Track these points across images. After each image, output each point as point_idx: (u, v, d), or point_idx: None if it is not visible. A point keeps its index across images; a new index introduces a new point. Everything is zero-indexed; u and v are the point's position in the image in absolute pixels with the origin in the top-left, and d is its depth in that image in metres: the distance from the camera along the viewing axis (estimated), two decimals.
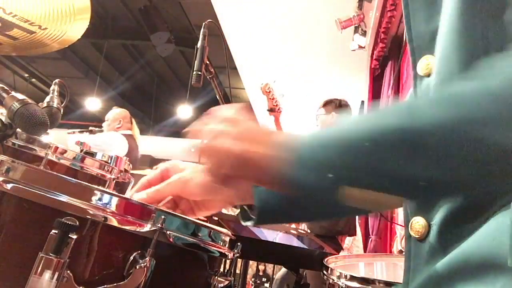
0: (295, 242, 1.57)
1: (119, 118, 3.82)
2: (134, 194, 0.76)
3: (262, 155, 0.51)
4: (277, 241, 1.52)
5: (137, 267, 0.70)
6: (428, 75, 0.58)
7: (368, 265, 1.26)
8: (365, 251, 3.89)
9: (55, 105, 1.16)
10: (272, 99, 2.67)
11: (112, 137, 3.58)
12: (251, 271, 8.30)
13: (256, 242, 1.43)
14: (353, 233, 3.04)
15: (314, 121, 3.12)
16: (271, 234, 1.53)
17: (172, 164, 0.76)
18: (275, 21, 5.46)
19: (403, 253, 1.36)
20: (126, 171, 1.48)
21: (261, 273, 9.13)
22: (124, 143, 3.58)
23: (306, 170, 0.47)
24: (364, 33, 4.57)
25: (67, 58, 9.35)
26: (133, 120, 3.96)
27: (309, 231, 2.83)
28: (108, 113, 3.90)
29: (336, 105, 3.05)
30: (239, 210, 0.79)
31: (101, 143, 3.36)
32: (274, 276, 4.92)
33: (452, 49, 0.54)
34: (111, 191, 0.73)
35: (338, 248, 2.79)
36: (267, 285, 8.60)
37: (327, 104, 3.09)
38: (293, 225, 3.52)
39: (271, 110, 2.69)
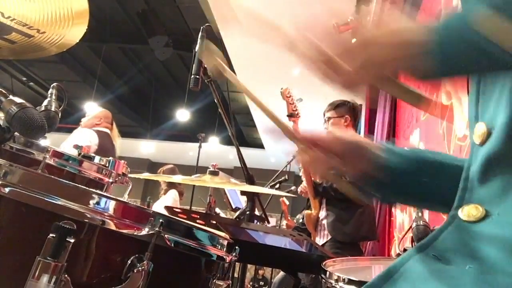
0: (295, 246, 1.57)
1: (101, 116, 3.75)
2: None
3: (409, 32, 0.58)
4: (282, 247, 1.51)
5: (135, 271, 0.70)
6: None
7: (366, 268, 1.26)
8: (364, 255, 3.89)
9: (53, 108, 1.16)
10: (292, 103, 2.65)
11: (80, 133, 3.53)
12: (249, 275, 8.29)
13: (254, 245, 1.43)
14: (375, 237, 2.98)
15: (323, 123, 3.02)
16: (271, 239, 1.53)
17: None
18: None
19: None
20: (124, 174, 1.48)
21: (260, 277, 9.13)
22: (94, 138, 3.48)
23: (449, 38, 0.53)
24: None
25: (65, 62, 9.35)
26: (114, 123, 3.87)
27: (329, 237, 2.76)
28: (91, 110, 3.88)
29: (350, 107, 2.94)
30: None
31: (69, 139, 3.36)
32: (272, 280, 4.92)
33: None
34: (109, 195, 0.73)
35: (360, 256, 2.73)
36: None
37: (339, 106, 2.97)
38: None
39: (290, 116, 2.65)
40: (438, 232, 0.57)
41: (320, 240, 2.81)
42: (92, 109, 3.88)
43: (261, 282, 8.98)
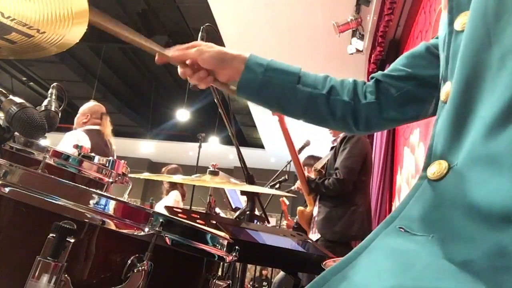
0: (295, 246, 1.57)
1: (88, 113, 3.52)
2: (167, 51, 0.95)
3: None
4: (276, 245, 1.52)
5: (135, 271, 0.70)
6: (463, 31, 0.59)
7: None
8: None
9: (53, 108, 1.16)
10: None
11: (68, 137, 3.31)
12: (249, 274, 8.28)
13: (254, 245, 1.43)
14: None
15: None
16: (271, 239, 1.53)
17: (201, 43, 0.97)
18: (273, 25, 5.48)
19: None
20: (124, 174, 1.48)
21: (263, 277, 9.11)
22: (84, 139, 3.26)
23: None
24: (361, 37, 4.58)
25: (65, 62, 9.35)
26: (104, 116, 3.60)
27: (319, 235, 2.76)
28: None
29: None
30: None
31: (61, 144, 3.17)
32: (272, 280, 4.93)
33: (485, 4, 0.55)
34: (109, 195, 0.73)
35: None
36: None
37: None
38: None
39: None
40: (407, 199, 0.57)
41: (313, 237, 2.81)
42: (82, 106, 3.62)
43: (264, 283, 8.97)
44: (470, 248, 0.45)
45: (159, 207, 4.37)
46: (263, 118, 8.83)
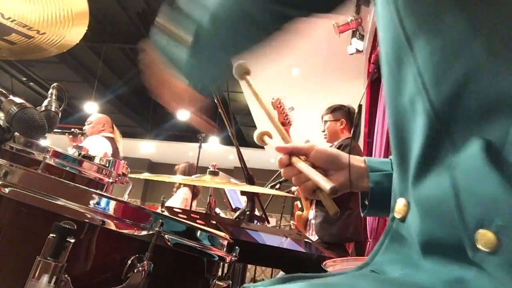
0: (295, 246, 1.57)
1: (103, 121, 3.97)
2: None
3: None
4: (283, 247, 1.52)
5: (135, 271, 0.70)
6: None
7: None
8: (364, 255, 3.88)
9: (53, 109, 1.16)
10: (283, 113, 2.72)
11: (97, 141, 3.72)
12: (249, 275, 8.28)
13: (254, 245, 1.43)
14: (360, 239, 3.06)
15: (321, 125, 3.13)
16: (271, 239, 1.53)
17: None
18: None
19: None
20: (124, 174, 1.48)
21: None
22: (108, 145, 3.70)
23: None
24: (361, 37, 4.58)
25: (65, 62, 9.33)
26: (114, 126, 4.11)
27: (316, 237, 2.85)
28: (90, 116, 4.07)
29: (345, 112, 3.08)
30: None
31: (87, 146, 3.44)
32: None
33: (385, 51, 0.56)
34: (109, 195, 0.73)
35: (346, 256, 2.81)
36: None
37: (335, 110, 3.10)
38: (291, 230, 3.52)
39: (282, 125, 2.72)
40: (379, 246, 0.59)
41: None
42: (92, 115, 4.07)
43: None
44: (432, 278, 0.48)
45: (169, 204, 4.39)
46: (263, 118, 8.80)
